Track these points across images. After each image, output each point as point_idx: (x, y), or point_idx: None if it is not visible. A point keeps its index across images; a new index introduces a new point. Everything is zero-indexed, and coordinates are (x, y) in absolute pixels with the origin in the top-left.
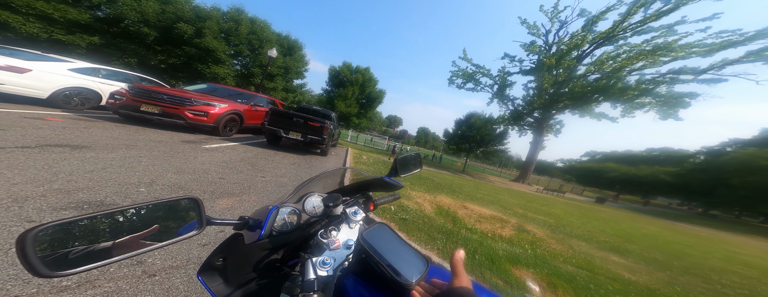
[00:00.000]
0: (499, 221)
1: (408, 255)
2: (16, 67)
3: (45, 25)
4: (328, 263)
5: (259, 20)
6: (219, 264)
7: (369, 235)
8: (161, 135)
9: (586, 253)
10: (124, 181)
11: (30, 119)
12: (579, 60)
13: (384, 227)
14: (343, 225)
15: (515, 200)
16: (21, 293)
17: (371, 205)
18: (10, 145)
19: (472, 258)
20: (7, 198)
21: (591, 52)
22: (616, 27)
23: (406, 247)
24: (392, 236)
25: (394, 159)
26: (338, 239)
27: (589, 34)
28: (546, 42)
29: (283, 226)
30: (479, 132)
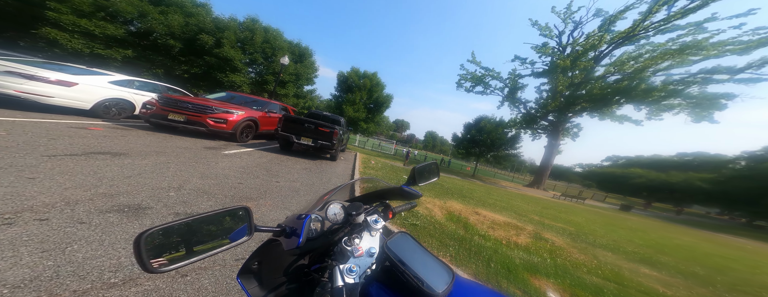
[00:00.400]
0: (513, 228)
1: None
2: (65, 81)
3: (87, 41)
4: (354, 271)
5: (272, 29)
6: (255, 268)
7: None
8: (186, 142)
9: (612, 263)
10: (156, 185)
11: (75, 129)
12: (597, 61)
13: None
14: (364, 233)
15: (530, 206)
16: (78, 288)
17: (390, 214)
18: (60, 153)
19: (487, 266)
20: (61, 201)
21: (610, 53)
22: (636, 26)
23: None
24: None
25: (412, 169)
26: (361, 247)
27: (607, 34)
28: (559, 43)
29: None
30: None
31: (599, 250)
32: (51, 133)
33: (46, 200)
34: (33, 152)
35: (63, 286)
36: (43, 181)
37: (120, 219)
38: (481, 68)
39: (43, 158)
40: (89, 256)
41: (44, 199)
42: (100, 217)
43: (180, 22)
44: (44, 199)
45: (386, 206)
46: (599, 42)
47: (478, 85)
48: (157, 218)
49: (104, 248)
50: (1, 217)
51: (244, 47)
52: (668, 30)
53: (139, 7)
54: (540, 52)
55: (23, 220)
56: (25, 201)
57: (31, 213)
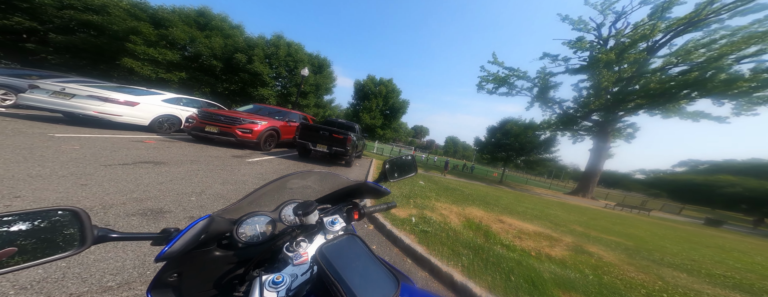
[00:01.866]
0: (546, 239)
1: (376, 273)
2: (130, 102)
3: (154, 67)
4: (279, 282)
5: (294, 43)
6: (172, 280)
7: (330, 249)
8: (218, 151)
9: (687, 287)
10: (182, 191)
11: (134, 142)
12: (651, 52)
13: (353, 240)
14: (318, 236)
15: (572, 216)
16: (76, 291)
17: (355, 214)
18: (115, 163)
19: (506, 279)
20: (99, 205)
21: (668, 42)
22: (702, 9)
23: (376, 264)
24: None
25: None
26: (307, 253)
27: (661, 22)
28: (598, 36)
29: (253, 237)
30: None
31: (668, 269)
32: (114, 146)
33: (87, 204)
34: (94, 162)
35: (63, 287)
36: (92, 187)
37: (140, 222)
38: (504, 68)
39: (101, 167)
40: (99, 259)
41: (86, 203)
42: (125, 220)
43: (220, 43)
44: (86, 202)
45: (354, 206)
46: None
47: (501, 86)
48: (173, 221)
49: (115, 251)
50: None
51: (270, 62)
52: (750, 11)
53: (190, 33)
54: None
55: None
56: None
57: None
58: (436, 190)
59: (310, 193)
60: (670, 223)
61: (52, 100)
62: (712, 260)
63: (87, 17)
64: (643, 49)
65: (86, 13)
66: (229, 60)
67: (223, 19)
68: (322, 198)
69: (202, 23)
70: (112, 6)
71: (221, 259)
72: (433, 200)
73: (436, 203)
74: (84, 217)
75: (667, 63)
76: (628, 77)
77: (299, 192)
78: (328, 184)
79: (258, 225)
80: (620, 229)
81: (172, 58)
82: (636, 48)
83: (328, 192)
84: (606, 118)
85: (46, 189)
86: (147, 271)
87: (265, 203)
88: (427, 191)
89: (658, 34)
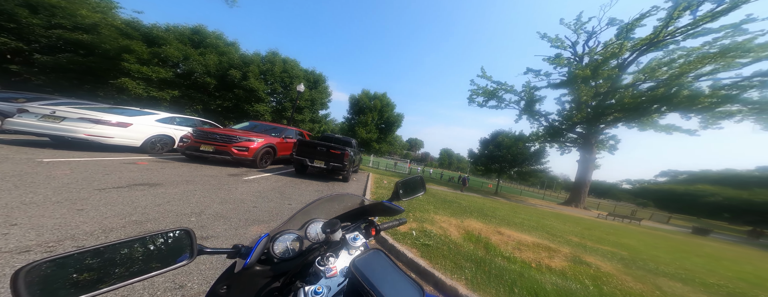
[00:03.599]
0: (545, 250)
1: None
2: (123, 123)
3: (146, 85)
4: (319, 293)
5: (289, 60)
6: (223, 292)
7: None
8: (213, 170)
9: (681, 296)
10: (180, 211)
11: (126, 164)
12: (622, 68)
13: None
14: (342, 251)
15: (568, 227)
16: None
17: (373, 231)
18: (109, 186)
19: (509, 292)
20: (99, 229)
21: (635, 60)
22: (659, 32)
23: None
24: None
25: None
26: (336, 266)
27: (627, 42)
28: (574, 53)
29: (285, 253)
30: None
31: (664, 279)
32: (106, 169)
33: (87, 229)
34: (87, 187)
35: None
36: (89, 211)
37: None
38: (493, 82)
39: (95, 191)
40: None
41: (86, 228)
42: None
43: (215, 60)
44: (86, 227)
45: (370, 223)
46: (620, 50)
47: (491, 99)
48: None
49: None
50: (46, 245)
51: (266, 78)
52: (699, 34)
53: (184, 51)
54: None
55: (63, 247)
56: (70, 230)
57: (71, 241)
58: (434, 203)
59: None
60: (660, 232)
61: (42, 124)
62: (705, 269)
63: (76, 36)
64: (615, 65)
65: (76, 32)
66: (223, 77)
67: (219, 37)
68: (342, 216)
69: (196, 41)
70: (103, 25)
71: (260, 273)
72: (431, 213)
73: (434, 216)
74: (193, 235)
75: (636, 79)
76: (604, 92)
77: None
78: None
79: (288, 242)
80: (614, 239)
81: (164, 75)
82: (608, 65)
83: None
84: (589, 131)
85: (42, 216)
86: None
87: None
88: (426, 204)
89: (625, 52)
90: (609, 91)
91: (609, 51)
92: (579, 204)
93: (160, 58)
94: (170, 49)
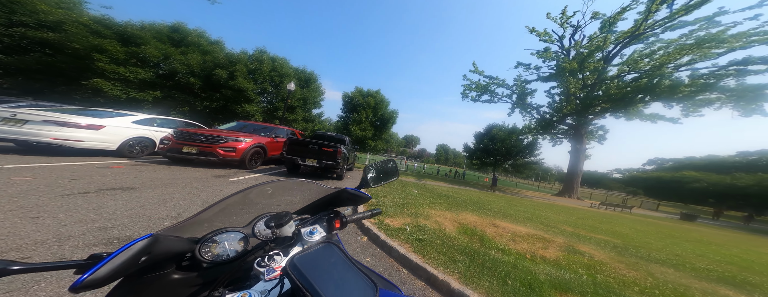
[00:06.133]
0: (539, 240)
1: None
2: (93, 125)
3: (124, 86)
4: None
5: (278, 58)
6: None
7: (303, 260)
8: (198, 172)
9: (676, 282)
10: (154, 216)
11: (99, 168)
12: (607, 61)
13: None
14: (295, 249)
15: (561, 217)
16: None
17: (337, 223)
18: (74, 192)
19: (503, 284)
20: (53, 238)
21: (619, 52)
22: (639, 25)
23: (353, 272)
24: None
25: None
26: (281, 266)
27: (610, 35)
28: (561, 47)
29: (220, 256)
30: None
31: (656, 265)
32: (75, 174)
33: (38, 238)
34: (49, 193)
35: None
36: (46, 219)
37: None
38: (485, 77)
39: (56, 198)
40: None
41: (37, 237)
42: (85, 251)
43: (198, 60)
44: (37, 237)
45: (335, 215)
46: (604, 43)
47: (483, 94)
48: None
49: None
50: None
51: (254, 77)
52: (676, 26)
53: (164, 50)
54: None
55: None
56: (18, 240)
57: (16, 252)
58: (430, 198)
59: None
60: (650, 219)
61: (2, 128)
62: (694, 254)
63: (41, 35)
64: (600, 58)
65: (40, 30)
66: (208, 77)
67: (200, 35)
68: (301, 209)
69: (176, 39)
70: (69, 22)
71: (181, 282)
72: (427, 208)
73: (430, 211)
74: None
75: (621, 71)
76: (591, 84)
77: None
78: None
79: (227, 242)
80: (607, 227)
81: (144, 76)
82: (594, 57)
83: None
84: (578, 122)
85: None
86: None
87: (238, 220)
88: (421, 199)
89: (609, 45)
90: (596, 82)
91: (594, 44)
92: (572, 194)
93: (138, 58)
94: (150, 48)
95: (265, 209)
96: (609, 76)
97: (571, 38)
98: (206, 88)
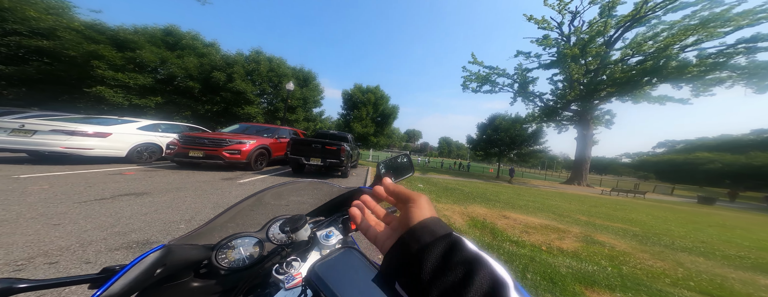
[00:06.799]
0: (554, 231)
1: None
2: (101, 133)
3: (125, 93)
4: None
5: (275, 58)
6: None
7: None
8: (206, 176)
9: (709, 272)
10: (169, 219)
11: (112, 175)
12: (609, 45)
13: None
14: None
15: (573, 205)
16: None
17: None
18: (91, 199)
19: (522, 277)
20: (76, 243)
21: (621, 36)
22: (639, 8)
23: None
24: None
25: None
26: (300, 273)
27: (611, 20)
28: (561, 34)
29: (237, 262)
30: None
31: (683, 254)
32: (89, 182)
33: (62, 244)
34: (67, 200)
35: None
36: (66, 225)
37: (126, 255)
38: (485, 68)
39: (74, 205)
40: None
41: (61, 243)
42: (108, 255)
43: (195, 63)
44: (61, 242)
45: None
46: (604, 27)
47: (484, 84)
48: None
49: None
50: (14, 264)
51: (253, 79)
52: (678, 8)
53: (159, 54)
54: (543, 45)
55: (33, 265)
56: (43, 246)
57: (43, 257)
58: (437, 192)
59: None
60: (666, 204)
61: (12, 139)
62: (720, 240)
63: (37, 43)
64: (602, 43)
65: (34, 38)
66: (207, 80)
67: (195, 37)
68: (314, 211)
69: (171, 43)
70: (61, 29)
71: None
72: (434, 202)
73: (437, 205)
74: None
75: (624, 55)
76: (594, 69)
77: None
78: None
79: (242, 248)
80: (622, 214)
81: (143, 82)
82: (595, 42)
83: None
84: (583, 107)
85: (14, 233)
86: None
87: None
88: (428, 193)
89: (610, 29)
90: (599, 67)
91: (594, 29)
92: (581, 182)
93: (135, 64)
94: (146, 53)
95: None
96: (612, 60)
97: (570, 24)
98: (206, 92)
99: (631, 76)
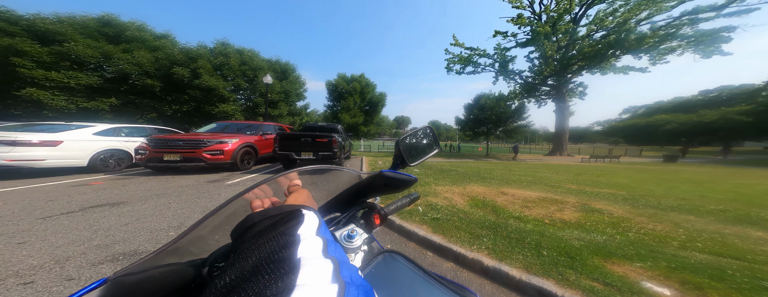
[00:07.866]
0: (552, 203)
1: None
2: (48, 141)
3: (68, 95)
4: None
5: (246, 50)
6: None
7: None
8: (189, 180)
9: (705, 230)
10: (155, 227)
11: (76, 186)
12: (575, 22)
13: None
14: None
15: (561, 176)
16: None
17: (377, 219)
18: (56, 213)
19: (538, 256)
20: (51, 261)
21: (585, 13)
22: None
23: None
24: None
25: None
26: None
27: None
28: (533, 12)
29: None
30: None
31: (674, 214)
32: (50, 195)
33: (34, 262)
34: (28, 217)
35: None
36: (34, 243)
37: (113, 268)
38: (466, 49)
39: (37, 221)
40: None
41: (32, 262)
42: (92, 270)
43: (148, 58)
44: (32, 261)
45: (370, 209)
46: (570, 5)
47: (467, 65)
48: None
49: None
50: None
51: (223, 73)
52: None
53: (99, 48)
54: (518, 24)
55: (5, 286)
56: (11, 267)
57: (15, 278)
58: (433, 174)
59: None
60: (638, 165)
61: None
62: (696, 195)
63: None
64: (569, 20)
65: None
66: (167, 77)
67: (141, 28)
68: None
69: (111, 35)
70: None
71: None
72: (432, 185)
73: (436, 188)
74: None
75: (590, 30)
76: (565, 45)
77: None
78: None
79: None
80: (606, 179)
81: (88, 81)
82: (563, 20)
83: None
84: (559, 82)
85: None
86: None
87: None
88: (424, 177)
89: (575, 7)
90: (569, 43)
91: (561, 7)
92: (563, 152)
93: (71, 60)
94: (79, 46)
95: None
96: (580, 36)
97: (540, 3)
98: (169, 90)
99: (597, 49)
